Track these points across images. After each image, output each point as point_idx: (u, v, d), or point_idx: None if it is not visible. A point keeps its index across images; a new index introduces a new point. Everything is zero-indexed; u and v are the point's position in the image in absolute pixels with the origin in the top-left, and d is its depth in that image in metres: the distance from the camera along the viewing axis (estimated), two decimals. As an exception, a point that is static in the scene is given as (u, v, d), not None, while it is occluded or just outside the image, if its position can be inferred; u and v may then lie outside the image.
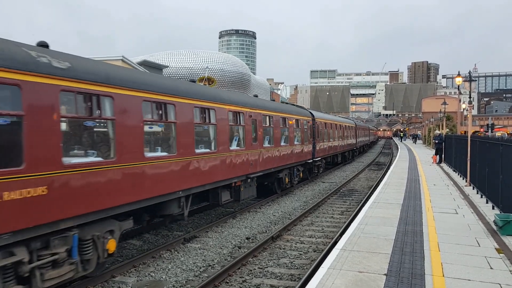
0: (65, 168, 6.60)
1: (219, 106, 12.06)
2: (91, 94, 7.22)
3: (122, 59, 28.08)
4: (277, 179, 17.72)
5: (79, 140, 7.66)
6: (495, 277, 6.71)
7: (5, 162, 5.71)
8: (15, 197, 5.77)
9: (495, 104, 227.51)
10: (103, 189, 7.41)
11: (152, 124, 9.48)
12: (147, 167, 8.61)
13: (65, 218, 6.64)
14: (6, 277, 5.82)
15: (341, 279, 6.54)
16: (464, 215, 11.54)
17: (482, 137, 17.42)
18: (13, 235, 5.79)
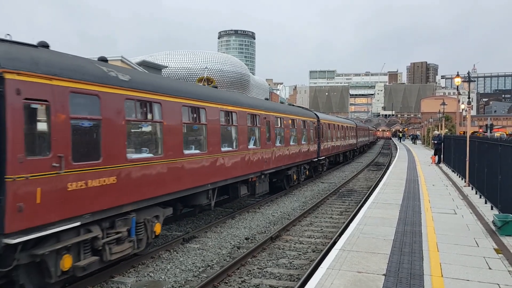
0: (128, 162, 8.16)
1: (240, 109, 13.64)
2: (146, 101, 8.87)
3: (121, 59, 28.09)
4: (286, 176, 18.96)
5: (136, 139, 9.12)
6: (493, 277, 6.72)
7: (89, 156, 7.29)
8: (95, 185, 7.32)
9: (494, 104, 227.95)
10: (153, 180, 8.92)
11: (188, 125, 10.79)
12: (185, 162, 10.18)
13: (127, 203, 8.17)
14: (85, 249, 7.30)
15: (340, 280, 6.55)
16: (463, 216, 11.55)
17: (481, 138, 17.44)
18: (92, 216, 7.30)
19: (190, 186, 10.41)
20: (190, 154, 10.46)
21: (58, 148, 6.60)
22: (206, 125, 11.32)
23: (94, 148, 7.48)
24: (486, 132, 51.31)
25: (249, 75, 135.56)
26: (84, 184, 7.13)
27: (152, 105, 9.07)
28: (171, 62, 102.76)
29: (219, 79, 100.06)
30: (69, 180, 6.81)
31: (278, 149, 17.21)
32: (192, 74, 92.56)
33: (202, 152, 11.08)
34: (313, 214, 14.84)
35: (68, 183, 6.79)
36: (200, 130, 11.35)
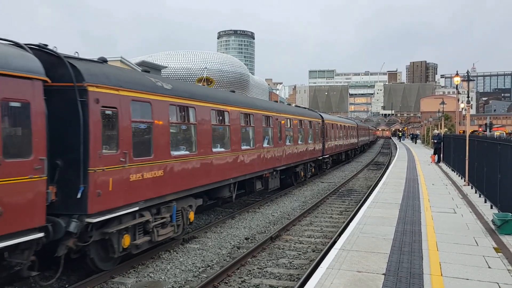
0: (171, 158, 9.63)
1: (255, 112, 15.18)
2: (184, 106, 10.37)
3: (121, 59, 28.08)
4: (294, 173, 20.42)
5: (177, 138, 10.46)
6: (493, 276, 6.73)
7: (144, 153, 8.77)
8: (148, 176, 8.81)
9: (494, 103, 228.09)
10: (189, 174, 10.42)
11: (215, 127, 12.15)
12: (213, 158, 11.70)
13: (169, 193, 9.59)
14: (139, 231, 8.77)
15: (340, 279, 6.56)
16: (463, 215, 11.56)
17: (481, 137, 17.46)
18: (145, 202, 8.71)
19: (216, 180, 11.98)
20: (217, 152, 12.04)
21: (123, 146, 8.09)
22: (229, 126, 12.87)
23: (147, 146, 9.00)
24: (486, 131, 51.37)
25: (249, 75, 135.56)
26: (141, 176, 8.59)
27: (188, 109, 10.62)
28: (171, 63, 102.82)
29: (218, 79, 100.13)
30: (130, 172, 8.27)
31: (288, 147, 18.66)
32: (191, 75, 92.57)
33: (226, 150, 12.67)
34: (313, 213, 14.85)
35: (130, 174, 8.26)
36: (224, 130, 12.89)
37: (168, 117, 9.60)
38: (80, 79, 7.24)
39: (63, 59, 7.32)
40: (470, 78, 21.47)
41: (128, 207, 8.18)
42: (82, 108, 7.20)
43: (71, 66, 7.28)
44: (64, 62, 7.28)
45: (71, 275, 8.45)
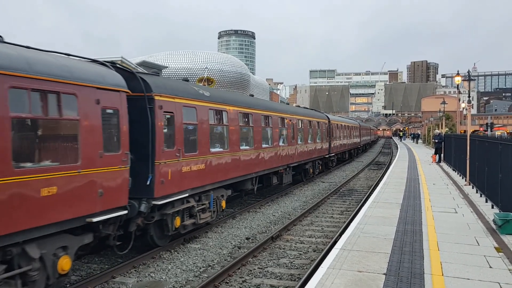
0: (210, 154, 11.47)
1: (273, 114, 17.03)
2: (218, 110, 12.18)
3: (122, 59, 28.10)
4: (304, 169, 22.18)
5: (214, 137, 12.07)
6: (494, 276, 6.72)
7: (191, 149, 10.52)
8: (194, 169, 10.58)
9: (495, 103, 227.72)
10: (222, 168, 12.25)
11: (242, 127, 13.88)
12: (241, 155, 13.55)
13: (208, 184, 11.39)
14: (185, 215, 10.41)
15: (341, 279, 6.55)
16: (464, 214, 11.55)
17: (482, 137, 17.45)
18: (191, 190, 10.49)
19: (243, 174, 13.81)
20: (243, 149, 13.80)
21: (178, 144, 9.90)
22: (253, 127, 14.73)
23: (194, 144, 10.74)
24: (487, 130, 51.27)
25: (249, 75, 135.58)
26: (189, 168, 10.40)
27: (222, 113, 12.42)
28: (171, 63, 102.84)
29: (219, 79, 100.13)
30: (182, 165, 10.05)
31: (299, 146, 20.38)
32: (192, 75, 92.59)
33: (250, 148, 14.42)
34: (314, 213, 14.85)
35: (182, 167, 10.05)
36: (249, 130, 14.55)
37: (208, 119, 11.52)
38: (149, 90, 9.09)
39: (136, 75, 9.19)
40: (471, 77, 21.44)
41: (180, 194, 10.04)
42: (150, 113, 9.02)
43: (142, 80, 9.08)
44: (137, 76, 9.11)
45: (71, 275, 8.46)
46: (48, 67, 6.65)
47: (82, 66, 7.64)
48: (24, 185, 6.03)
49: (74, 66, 7.34)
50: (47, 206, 6.42)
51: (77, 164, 7.02)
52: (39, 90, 6.37)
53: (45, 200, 6.35)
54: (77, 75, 7.18)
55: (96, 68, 8.04)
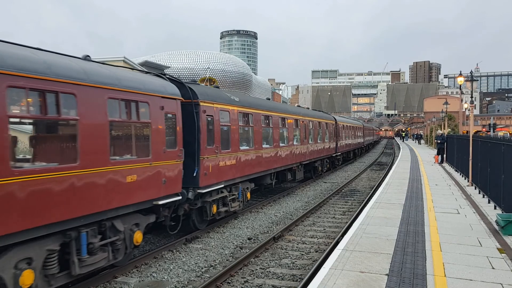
0: (240, 151, 13.36)
1: (289, 116, 18.81)
2: (246, 113, 14.10)
3: (124, 59, 28.14)
4: (313, 167, 23.98)
5: (242, 136, 13.86)
6: (497, 277, 6.70)
7: (226, 147, 12.33)
8: (228, 164, 12.42)
9: (497, 103, 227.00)
10: (248, 164, 14.06)
11: (264, 128, 15.73)
12: (263, 153, 15.34)
13: (238, 177, 13.21)
14: (219, 204, 12.12)
15: (343, 279, 6.54)
16: (466, 215, 11.53)
17: (484, 137, 17.39)
18: (225, 182, 12.28)
19: (264, 169, 15.54)
20: (265, 148, 15.54)
21: (216, 142, 11.67)
22: (272, 127, 16.49)
23: (227, 142, 12.47)
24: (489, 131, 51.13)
25: (251, 75, 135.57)
26: (224, 163, 12.16)
27: (248, 115, 14.28)
28: (174, 63, 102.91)
29: (221, 79, 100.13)
30: (219, 160, 11.87)
31: (310, 145, 22.19)
32: (194, 75, 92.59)
33: (270, 146, 16.13)
34: (316, 214, 14.83)
35: (219, 161, 11.84)
36: (269, 130, 16.36)
37: (238, 121, 13.29)
38: (195, 97, 10.88)
39: (184, 84, 10.92)
40: (473, 78, 21.40)
41: (218, 185, 11.83)
42: (196, 116, 10.80)
43: (190, 89, 10.89)
44: (185, 86, 10.88)
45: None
46: (132, 82, 8.49)
47: (151, 80, 9.47)
48: (116, 172, 7.78)
49: (146, 80, 9.20)
50: (130, 190, 8.18)
51: (149, 158, 8.81)
52: (124, 100, 8.08)
53: (129, 185, 8.13)
54: (148, 87, 8.97)
55: (159, 80, 9.89)
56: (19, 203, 5.91)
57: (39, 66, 6.35)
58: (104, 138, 7.49)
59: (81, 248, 7.20)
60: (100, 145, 7.41)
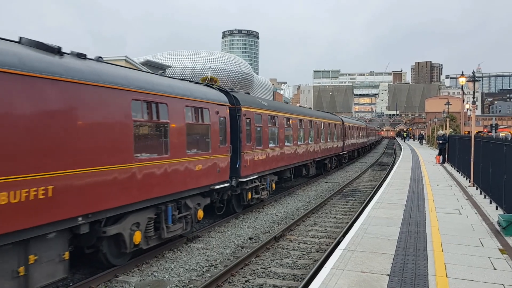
0: (269, 148, 15.69)
1: (304, 117, 21.39)
2: (272, 116, 16.45)
3: (125, 59, 28.14)
4: (323, 164, 26.37)
5: (271, 135, 16.25)
6: (498, 278, 6.68)
7: (259, 144, 14.63)
8: (260, 158, 14.70)
9: (499, 104, 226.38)
10: (274, 159, 16.41)
11: (286, 128, 18.20)
12: (285, 150, 17.84)
13: (267, 170, 15.56)
14: (252, 192, 14.42)
15: (344, 280, 6.53)
16: (468, 216, 11.51)
17: (486, 138, 17.35)
18: (258, 174, 14.57)
19: (285, 164, 17.92)
20: (287, 145, 18.05)
21: (252, 140, 14.12)
22: (292, 127, 19.03)
23: (260, 140, 14.90)
24: (491, 132, 51.00)
25: (253, 75, 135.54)
26: (258, 157, 14.58)
27: (275, 117, 16.71)
28: (175, 62, 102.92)
29: (222, 79, 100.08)
30: (254, 155, 14.28)
31: (322, 144, 24.59)
32: (196, 74, 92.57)
33: (290, 144, 18.51)
34: (317, 214, 14.82)
35: (254, 156, 14.28)
36: (290, 130, 18.77)
37: (267, 122, 15.75)
38: (238, 103, 13.31)
39: (229, 93, 13.36)
40: (475, 78, 21.36)
41: (253, 175, 14.20)
42: (239, 119, 13.19)
43: (233, 96, 13.28)
44: (230, 94, 13.26)
45: (75, 273, 8.48)
46: (198, 93, 11.00)
47: (209, 91, 11.92)
48: (190, 162, 10.14)
49: (207, 91, 11.66)
50: (197, 176, 10.52)
51: (209, 152, 11.18)
52: (194, 107, 10.56)
53: (197, 172, 10.49)
54: (209, 97, 11.45)
55: (213, 90, 12.30)
56: (136, 182, 8.20)
57: (147, 85, 8.73)
58: (182, 135, 9.86)
59: (168, 218, 9.47)
60: (181, 141, 9.75)
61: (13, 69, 5.80)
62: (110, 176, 7.55)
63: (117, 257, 8.55)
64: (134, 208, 8.26)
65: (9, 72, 5.75)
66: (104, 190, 7.43)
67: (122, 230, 8.13)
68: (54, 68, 6.55)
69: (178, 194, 9.72)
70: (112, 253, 8.39)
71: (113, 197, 7.66)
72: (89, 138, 7.11)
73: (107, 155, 7.48)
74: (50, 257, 6.54)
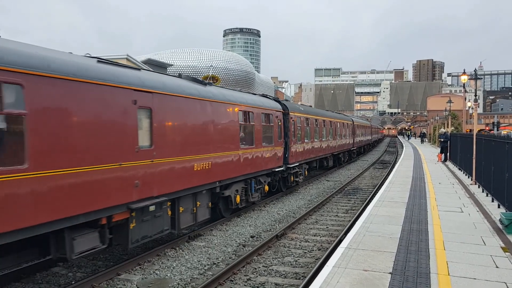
0: (304, 142, 20.18)
1: (327, 119, 26.18)
2: (306, 118, 20.65)
3: (127, 57, 28.13)
4: (338, 158, 30.50)
5: (305, 133, 20.34)
6: (501, 276, 6.67)
7: (299, 140, 19.23)
8: (299, 150, 19.25)
9: (501, 102, 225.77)
10: (307, 151, 20.65)
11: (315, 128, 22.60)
12: (314, 144, 22.02)
13: (303, 159, 19.82)
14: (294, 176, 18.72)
15: (346, 278, 6.53)
16: (470, 214, 11.49)
17: (488, 136, 17.31)
18: (297, 163, 18.88)
19: (313, 156, 22.24)
20: (315, 141, 22.36)
21: (295, 136, 18.27)
22: (318, 127, 23.25)
23: (299, 136, 18.87)
24: (493, 130, 50.93)
25: (254, 73, 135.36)
26: (298, 150, 18.76)
27: (307, 119, 20.99)
28: (176, 60, 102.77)
29: (224, 77, 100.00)
30: (296, 148, 18.40)
31: (338, 141, 29.09)
32: (197, 72, 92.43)
33: (317, 140, 22.92)
34: (319, 212, 14.82)
35: (296, 149, 18.39)
36: (316, 129, 22.76)
37: (303, 123, 20.15)
38: (286, 109, 17.52)
39: (280, 101, 17.85)
40: (477, 76, 21.28)
41: (295, 163, 18.38)
42: (287, 121, 17.36)
43: (283, 104, 17.69)
44: (281, 102, 17.77)
45: (77, 272, 8.50)
46: (267, 103, 15.88)
47: (271, 102, 16.78)
48: (263, 151, 14.78)
49: (270, 102, 16.57)
50: (267, 161, 15.14)
51: (272, 145, 15.70)
52: (265, 113, 15.14)
53: (266, 158, 15.09)
54: (272, 106, 16.26)
55: (273, 101, 17.05)
56: (239, 162, 12.77)
57: (245, 101, 13.66)
58: (260, 133, 14.50)
59: (251, 189, 13.99)
60: (259, 137, 14.43)
61: (179, 94, 9.71)
62: (230, 158, 12.23)
63: (225, 212, 12.92)
64: (237, 180, 12.77)
65: (180, 96, 9.78)
66: (228, 166, 12.08)
67: (230, 193, 12.47)
68: (201, 94, 10.80)
69: (257, 173, 14.39)
70: (223, 208, 12.72)
71: (231, 171, 12.33)
72: (224, 134, 11.89)
73: (230, 144, 12.21)
74: (203, 204, 11.01)
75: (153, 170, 8.55)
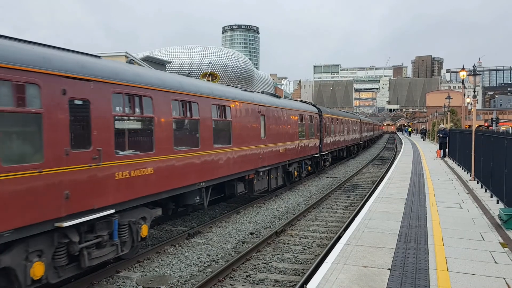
0: (330, 136, 26.66)
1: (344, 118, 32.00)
2: (330, 118, 26.73)
3: (125, 54, 28.09)
4: (348, 150, 35.79)
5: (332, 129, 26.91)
6: (499, 271, 6.69)
7: (328, 135, 25.72)
8: (328, 142, 25.59)
9: (500, 98, 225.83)
10: (333, 143, 27.24)
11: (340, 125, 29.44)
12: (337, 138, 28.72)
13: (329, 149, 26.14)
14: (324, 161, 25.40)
15: (345, 274, 6.55)
16: (469, 210, 11.51)
17: (487, 131, 17.32)
18: (327, 151, 25.30)
19: (337, 147, 28.72)
20: (336, 136, 27.54)
21: (326, 131, 24.78)
22: (339, 124, 28.25)
23: (329, 132, 25.68)
24: (492, 126, 50.91)
25: (253, 70, 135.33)
26: (327, 142, 25.13)
27: (332, 119, 26.42)
28: (175, 58, 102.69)
29: (223, 74, 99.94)
30: (326, 140, 24.81)
31: (350, 135, 34.57)
32: (196, 69, 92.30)
33: (338, 135, 28.51)
34: (318, 208, 14.84)
35: (324, 141, 24.20)
36: (337, 126, 27.75)
37: (331, 121, 25.93)
38: (320, 112, 23.85)
39: (315, 105, 24.56)
40: (476, 72, 21.30)
41: (325, 152, 24.33)
42: (321, 121, 23.49)
43: (318, 108, 24.10)
44: (316, 106, 24.32)
45: (77, 269, 8.49)
46: (306, 107, 21.79)
47: (310, 106, 22.90)
48: (308, 141, 20.82)
49: (309, 106, 22.69)
50: (310, 149, 21.08)
51: (313, 137, 21.46)
52: (310, 115, 21.39)
53: (310, 147, 20.99)
54: (311, 110, 22.41)
55: (311, 106, 22.92)
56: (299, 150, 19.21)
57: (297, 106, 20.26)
58: (308, 128, 20.43)
59: (302, 167, 20.47)
60: (307, 132, 19.97)
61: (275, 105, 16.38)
62: (294, 145, 18.20)
63: (287, 181, 18.43)
64: (296, 160, 18.79)
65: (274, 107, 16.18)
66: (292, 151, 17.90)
67: (292, 169, 18.53)
68: (281, 104, 17.32)
69: (305, 157, 20.27)
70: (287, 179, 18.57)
71: (294, 154, 18.32)
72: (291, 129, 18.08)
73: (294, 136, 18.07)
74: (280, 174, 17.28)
75: (265, 150, 15.08)
